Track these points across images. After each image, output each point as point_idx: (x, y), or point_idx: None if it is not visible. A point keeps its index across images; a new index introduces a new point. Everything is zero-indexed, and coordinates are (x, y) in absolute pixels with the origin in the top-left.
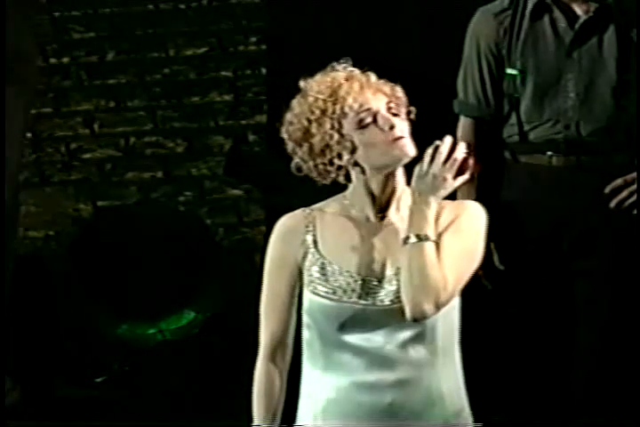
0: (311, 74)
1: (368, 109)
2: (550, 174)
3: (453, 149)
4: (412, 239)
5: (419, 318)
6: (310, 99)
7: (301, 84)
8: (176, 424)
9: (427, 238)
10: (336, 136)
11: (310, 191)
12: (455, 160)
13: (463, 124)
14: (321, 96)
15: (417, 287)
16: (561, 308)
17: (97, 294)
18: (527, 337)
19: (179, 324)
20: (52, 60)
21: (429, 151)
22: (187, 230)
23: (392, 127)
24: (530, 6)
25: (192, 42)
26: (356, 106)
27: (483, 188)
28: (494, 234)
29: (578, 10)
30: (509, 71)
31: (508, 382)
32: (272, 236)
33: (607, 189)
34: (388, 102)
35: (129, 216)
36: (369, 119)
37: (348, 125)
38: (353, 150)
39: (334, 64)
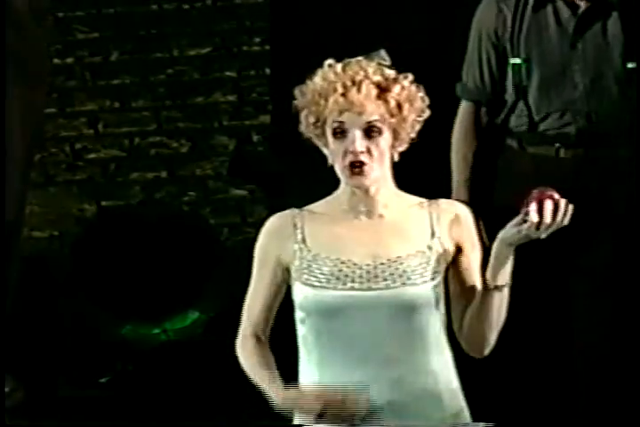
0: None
1: (341, 122)
2: (557, 166)
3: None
4: (492, 288)
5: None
6: (311, 87)
7: (326, 65)
8: (180, 424)
9: (507, 285)
10: (315, 130)
11: (314, 191)
12: (550, 226)
13: (463, 107)
14: (315, 94)
15: (494, 330)
16: (559, 304)
17: (101, 293)
18: (521, 335)
19: (183, 324)
20: (56, 61)
21: (531, 209)
22: (191, 230)
23: (352, 152)
24: None
25: (196, 42)
26: (333, 115)
27: (479, 177)
28: (492, 224)
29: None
30: (514, 61)
31: (503, 380)
32: (260, 235)
33: None
34: (371, 122)
35: (133, 216)
36: (338, 130)
37: (328, 129)
38: (326, 144)
39: (358, 58)
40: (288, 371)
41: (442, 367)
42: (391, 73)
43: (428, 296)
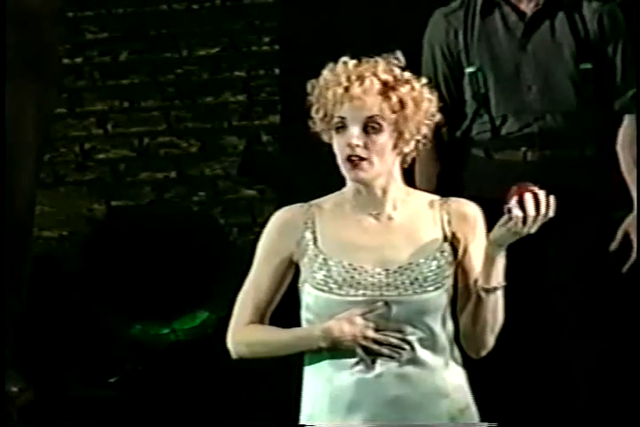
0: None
1: (342, 117)
2: (525, 170)
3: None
4: (486, 291)
5: (484, 355)
6: (321, 82)
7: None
8: (189, 425)
9: (500, 287)
10: (322, 125)
11: (324, 191)
12: (536, 220)
13: None
14: (323, 87)
15: (490, 332)
16: (537, 304)
17: (110, 294)
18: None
19: (192, 324)
20: (66, 61)
21: (512, 205)
22: (200, 231)
23: (349, 145)
24: (479, 4)
25: (205, 42)
26: (335, 110)
27: (444, 184)
28: None
29: (527, 4)
30: (469, 69)
31: (497, 379)
32: (267, 227)
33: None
34: (371, 117)
35: (142, 216)
36: (339, 125)
37: (332, 123)
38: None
39: (376, 58)
40: (292, 370)
41: (450, 364)
42: (404, 74)
43: (440, 301)
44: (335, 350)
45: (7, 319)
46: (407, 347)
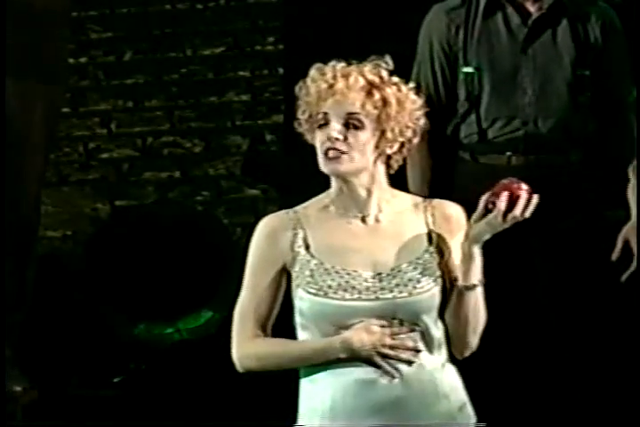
0: None
1: (325, 113)
2: (510, 175)
3: (512, 198)
4: (466, 288)
5: (467, 355)
6: (308, 81)
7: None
8: (192, 424)
9: (480, 285)
10: (306, 125)
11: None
12: (515, 218)
13: None
14: (308, 88)
15: (472, 331)
16: (521, 302)
17: (114, 293)
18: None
19: (196, 323)
20: (70, 60)
21: (502, 201)
22: (204, 230)
23: (329, 138)
24: (482, 3)
25: (209, 42)
26: (319, 107)
27: (435, 186)
28: None
29: (531, 7)
30: (466, 69)
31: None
32: (255, 236)
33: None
34: (352, 113)
35: (146, 216)
36: (322, 121)
37: (315, 122)
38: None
39: (373, 60)
40: (295, 371)
41: (445, 364)
42: (392, 78)
43: (433, 302)
44: (354, 360)
45: (8, 320)
46: (423, 349)
